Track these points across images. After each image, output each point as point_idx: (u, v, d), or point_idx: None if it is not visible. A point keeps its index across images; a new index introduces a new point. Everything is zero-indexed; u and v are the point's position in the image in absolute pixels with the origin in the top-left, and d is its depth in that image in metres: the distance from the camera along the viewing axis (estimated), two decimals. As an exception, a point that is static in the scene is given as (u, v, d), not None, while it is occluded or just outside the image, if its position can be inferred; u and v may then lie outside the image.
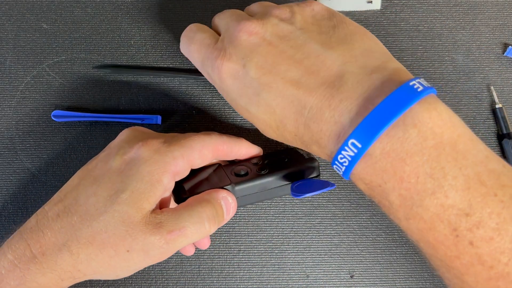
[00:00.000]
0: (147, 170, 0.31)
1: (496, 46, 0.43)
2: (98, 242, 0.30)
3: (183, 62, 0.43)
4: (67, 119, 0.41)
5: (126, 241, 0.30)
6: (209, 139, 0.33)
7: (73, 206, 0.31)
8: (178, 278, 0.40)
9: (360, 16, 0.43)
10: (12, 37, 0.43)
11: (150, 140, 0.32)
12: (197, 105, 0.42)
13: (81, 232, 0.30)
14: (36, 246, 0.30)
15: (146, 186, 0.30)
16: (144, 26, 0.43)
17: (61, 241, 0.30)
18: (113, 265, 0.30)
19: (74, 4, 0.44)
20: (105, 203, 0.30)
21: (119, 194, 0.30)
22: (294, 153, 0.38)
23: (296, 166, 0.36)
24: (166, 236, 0.30)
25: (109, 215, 0.30)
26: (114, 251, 0.30)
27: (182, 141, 0.32)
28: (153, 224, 0.30)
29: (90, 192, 0.31)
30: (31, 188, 0.41)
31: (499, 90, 0.42)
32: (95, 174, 0.32)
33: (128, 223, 0.30)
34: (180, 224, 0.30)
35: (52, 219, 0.30)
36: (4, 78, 0.42)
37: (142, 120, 0.41)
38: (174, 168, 0.31)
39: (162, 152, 0.31)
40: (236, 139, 0.36)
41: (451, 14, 0.44)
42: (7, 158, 0.42)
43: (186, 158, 0.32)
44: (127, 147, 0.32)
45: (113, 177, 0.31)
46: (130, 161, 0.31)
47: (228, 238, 0.41)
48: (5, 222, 0.41)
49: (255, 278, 0.40)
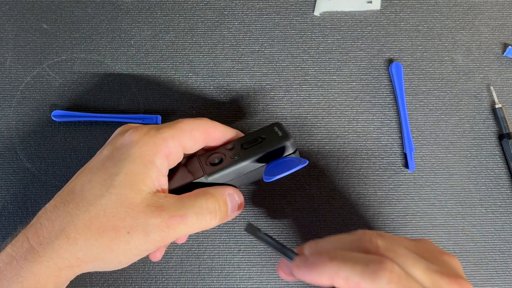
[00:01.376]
0: (138, 151, 0.31)
1: (496, 46, 0.43)
2: (97, 226, 0.29)
3: (183, 62, 0.43)
4: (67, 119, 0.41)
5: (126, 222, 0.30)
6: (199, 122, 0.34)
7: (69, 195, 0.31)
8: (178, 278, 0.40)
9: (360, 16, 0.44)
10: (12, 37, 0.43)
11: (140, 127, 0.33)
12: (197, 105, 0.42)
13: (78, 218, 0.30)
14: (34, 237, 0.30)
15: (139, 167, 0.30)
16: (144, 26, 0.43)
17: (57, 228, 0.30)
18: (114, 249, 0.30)
19: (74, 4, 0.44)
20: (101, 188, 0.30)
21: (113, 177, 0.30)
22: (269, 132, 0.35)
23: (268, 146, 0.34)
24: (167, 220, 0.30)
25: (106, 198, 0.30)
26: (114, 233, 0.30)
27: (172, 124, 0.33)
28: (155, 207, 0.30)
29: (85, 180, 0.31)
30: (31, 188, 0.41)
31: (499, 90, 0.42)
32: (90, 166, 0.32)
33: (127, 204, 0.30)
34: (182, 211, 0.30)
35: (50, 211, 0.31)
36: (4, 78, 0.42)
37: (142, 120, 0.41)
38: (165, 149, 0.32)
39: (152, 134, 0.32)
40: (224, 125, 0.36)
41: (451, 14, 0.44)
42: (7, 158, 0.42)
43: (176, 139, 0.32)
44: (118, 137, 0.33)
45: (106, 163, 0.31)
46: (121, 147, 0.32)
47: (228, 238, 0.41)
48: (5, 222, 0.41)
49: (255, 278, 0.40)
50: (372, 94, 0.42)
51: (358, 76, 0.43)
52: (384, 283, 0.26)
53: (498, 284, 0.40)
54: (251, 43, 0.43)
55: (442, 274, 0.28)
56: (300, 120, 0.42)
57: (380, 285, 0.26)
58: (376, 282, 0.26)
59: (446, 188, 0.41)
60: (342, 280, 0.27)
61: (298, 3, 0.44)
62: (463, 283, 0.28)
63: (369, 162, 0.41)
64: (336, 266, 0.27)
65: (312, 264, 0.28)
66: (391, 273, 0.26)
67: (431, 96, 0.42)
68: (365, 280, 0.26)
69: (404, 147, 0.41)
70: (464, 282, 0.28)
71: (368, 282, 0.26)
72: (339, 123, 0.42)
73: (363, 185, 0.41)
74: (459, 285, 0.28)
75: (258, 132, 0.36)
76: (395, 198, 0.41)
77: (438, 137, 0.42)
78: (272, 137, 0.35)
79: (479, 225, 0.41)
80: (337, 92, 0.43)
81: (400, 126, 0.42)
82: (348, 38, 0.43)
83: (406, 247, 0.29)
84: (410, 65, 0.43)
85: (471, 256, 0.40)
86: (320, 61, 0.43)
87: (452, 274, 0.28)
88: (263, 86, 0.43)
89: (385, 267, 0.26)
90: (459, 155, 0.42)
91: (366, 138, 0.42)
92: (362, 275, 0.26)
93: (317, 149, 0.42)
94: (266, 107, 0.42)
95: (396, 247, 0.29)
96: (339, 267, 0.27)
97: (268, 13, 0.44)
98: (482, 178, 0.41)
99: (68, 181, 0.33)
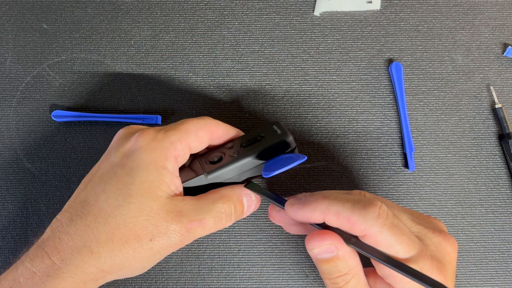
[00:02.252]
0: (150, 158, 0.31)
1: (496, 46, 0.43)
2: (119, 237, 0.29)
3: (183, 62, 0.43)
4: (67, 119, 0.42)
5: (148, 230, 0.30)
6: (203, 121, 0.34)
7: (84, 207, 0.30)
8: (178, 278, 0.40)
9: (360, 16, 0.44)
10: (12, 37, 0.43)
11: (145, 130, 0.32)
12: (197, 105, 0.42)
13: (98, 231, 0.29)
14: (54, 252, 0.29)
15: (153, 174, 0.31)
16: (144, 26, 0.43)
17: (79, 244, 0.29)
18: (138, 257, 0.30)
19: (74, 4, 0.44)
20: (117, 198, 0.30)
21: (129, 186, 0.30)
22: (268, 131, 0.36)
23: (267, 143, 0.34)
24: (187, 225, 0.31)
25: (125, 208, 0.30)
26: (137, 242, 0.30)
27: (177, 126, 0.33)
28: (175, 212, 0.30)
29: (98, 191, 0.31)
30: (31, 188, 0.41)
31: (499, 90, 0.42)
32: (99, 174, 0.32)
33: (147, 212, 0.30)
34: (200, 215, 0.31)
35: (66, 224, 0.30)
36: (4, 78, 0.42)
37: (142, 120, 0.41)
38: (174, 152, 0.32)
39: (160, 139, 0.32)
40: (226, 124, 0.36)
41: (451, 14, 0.44)
42: (7, 158, 0.42)
43: (183, 141, 0.32)
44: (124, 141, 0.33)
45: (117, 171, 0.31)
46: (130, 153, 0.31)
47: (228, 238, 0.41)
48: (5, 222, 0.41)
49: (255, 278, 0.40)
50: (372, 94, 0.42)
51: (358, 76, 0.43)
52: (373, 217, 0.27)
53: (498, 284, 0.40)
54: (251, 43, 0.43)
55: (427, 227, 0.30)
56: (300, 120, 0.42)
57: (369, 219, 0.27)
58: (365, 216, 0.27)
59: (446, 188, 0.41)
60: (333, 216, 0.28)
61: (298, 3, 0.44)
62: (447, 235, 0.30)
63: (369, 162, 0.42)
64: (328, 203, 0.29)
65: (305, 201, 0.30)
66: (380, 209, 0.27)
67: (431, 96, 0.42)
68: (355, 215, 0.27)
69: (404, 147, 0.41)
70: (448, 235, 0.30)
71: (357, 216, 0.27)
72: (339, 123, 0.42)
73: (363, 185, 0.41)
74: (443, 236, 0.30)
75: (258, 130, 0.36)
76: (395, 198, 0.41)
77: (438, 137, 0.42)
78: (271, 135, 0.35)
79: (479, 225, 0.41)
80: (337, 92, 0.43)
81: (400, 126, 0.42)
82: (348, 38, 0.43)
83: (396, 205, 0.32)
84: (410, 65, 0.43)
85: (471, 256, 0.40)
86: (320, 61, 0.43)
87: (436, 228, 0.30)
88: (263, 86, 0.43)
89: (375, 204, 0.27)
90: (459, 155, 0.42)
91: (366, 138, 0.42)
92: (352, 210, 0.27)
93: (317, 149, 0.42)
94: (266, 107, 0.42)
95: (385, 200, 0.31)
96: (330, 203, 0.28)
97: (268, 13, 0.44)
98: (482, 178, 0.41)
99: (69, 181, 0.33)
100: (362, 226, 0.27)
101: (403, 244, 0.27)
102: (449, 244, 0.30)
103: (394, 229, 0.27)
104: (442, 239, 0.30)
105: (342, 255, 0.29)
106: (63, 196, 0.41)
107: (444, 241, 0.30)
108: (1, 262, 0.40)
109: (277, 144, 0.34)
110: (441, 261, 0.28)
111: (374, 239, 0.27)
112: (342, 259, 0.29)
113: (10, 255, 0.40)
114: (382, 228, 0.27)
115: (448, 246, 0.29)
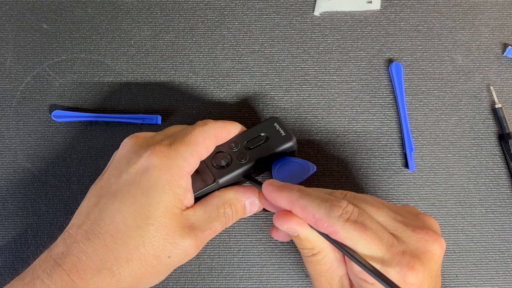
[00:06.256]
0: (164, 178, 0.31)
1: (496, 46, 0.43)
2: (138, 257, 0.30)
3: (183, 62, 0.43)
4: (67, 119, 0.42)
5: (166, 248, 0.31)
6: (208, 128, 0.34)
7: (100, 226, 0.30)
8: (178, 278, 0.40)
9: (360, 16, 0.44)
10: (12, 37, 0.43)
11: (156, 147, 0.32)
12: (197, 105, 0.42)
13: (118, 252, 0.30)
14: (73, 271, 0.29)
15: (169, 194, 0.31)
16: (144, 26, 0.43)
17: (99, 265, 0.29)
18: (155, 273, 0.31)
19: (74, 4, 0.44)
20: (135, 219, 0.30)
21: (146, 207, 0.30)
22: (270, 130, 0.37)
23: (274, 147, 0.36)
24: (201, 236, 0.32)
25: (144, 230, 0.30)
26: (156, 261, 0.31)
27: (186, 139, 0.33)
28: (188, 227, 0.32)
29: (113, 210, 0.31)
30: (31, 188, 0.41)
31: (498, 90, 0.42)
32: (112, 190, 0.32)
33: (165, 232, 0.31)
34: (210, 224, 0.33)
35: (83, 243, 0.30)
36: (4, 78, 0.43)
37: (142, 120, 0.41)
38: (188, 168, 0.32)
39: (172, 156, 0.32)
40: (227, 121, 0.37)
41: (451, 14, 0.44)
42: (7, 158, 0.42)
43: (195, 154, 0.33)
44: (135, 157, 0.32)
45: (132, 191, 0.31)
46: (143, 172, 0.31)
47: (228, 238, 0.41)
48: (5, 222, 0.41)
49: (255, 278, 0.40)
50: (372, 94, 0.42)
51: (358, 76, 0.43)
52: (335, 217, 0.29)
53: (498, 284, 0.40)
54: (251, 43, 0.43)
55: (407, 224, 0.30)
56: (300, 120, 0.42)
57: (332, 217, 0.29)
58: (329, 214, 0.29)
59: (446, 188, 0.41)
60: (299, 209, 0.30)
61: (298, 3, 0.44)
62: (430, 233, 0.30)
63: (369, 162, 0.42)
64: (299, 195, 0.30)
65: (280, 187, 0.31)
66: (344, 210, 0.29)
67: (431, 96, 0.42)
68: (320, 211, 0.29)
69: (404, 147, 0.41)
70: (433, 233, 0.30)
71: (322, 213, 0.29)
72: (339, 123, 0.42)
73: (363, 185, 0.41)
74: (425, 233, 0.30)
75: (259, 128, 0.37)
76: (395, 198, 0.41)
77: (438, 137, 0.42)
78: (275, 137, 0.37)
79: (479, 225, 0.41)
80: (337, 92, 0.43)
81: (400, 126, 0.42)
82: (348, 38, 0.43)
83: (381, 203, 0.32)
84: (410, 65, 0.43)
85: (471, 256, 0.40)
86: (320, 61, 0.43)
87: (420, 226, 0.30)
88: (263, 86, 0.43)
89: (340, 205, 0.29)
90: (459, 155, 0.42)
91: (366, 138, 0.42)
92: (319, 207, 0.29)
93: (317, 149, 0.42)
94: (266, 107, 0.42)
95: (364, 197, 0.32)
96: (301, 196, 0.30)
97: (268, 13, 0.44)
98: (482, 178, 0.41)
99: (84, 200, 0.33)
100: (325, 223, 0.29)
101: (366, 239, 0.28)
102: (431, 242, 0.30)
103: (357, 225, 0.28)
104: (424, 236, 0.30)
105: (304, 236, 0.31)
106: (63, 196, 0.41)
107: (425, 238, 0.30)
108: (1, 262, 0.40)
109: (283, 148, 0.36)
110: (419, 258, 0.29)
111: (339, 236, 0.29)
112: (303, 239, 0.31)
113: (10, 255, 0.40)
114: (345, 224, 0.28)
115: (430, 244, 0.29)
